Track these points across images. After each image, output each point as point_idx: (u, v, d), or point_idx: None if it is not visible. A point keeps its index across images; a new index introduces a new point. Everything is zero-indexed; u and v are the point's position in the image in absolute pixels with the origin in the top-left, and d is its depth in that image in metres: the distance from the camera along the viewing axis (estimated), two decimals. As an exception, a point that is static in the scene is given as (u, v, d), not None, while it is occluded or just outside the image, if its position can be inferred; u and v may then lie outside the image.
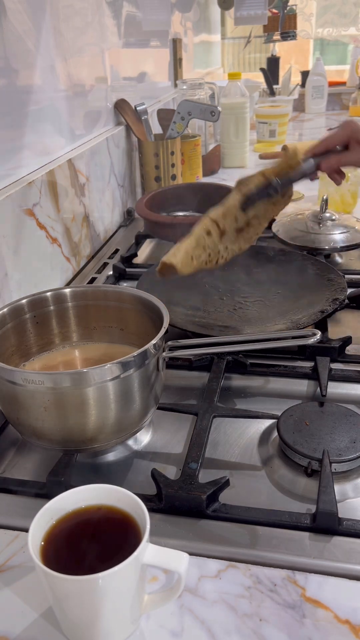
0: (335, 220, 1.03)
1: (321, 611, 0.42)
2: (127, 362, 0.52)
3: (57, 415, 0.52)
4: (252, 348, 0.63)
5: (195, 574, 0.46)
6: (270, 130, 1.89)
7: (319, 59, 2.37)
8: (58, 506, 0.42)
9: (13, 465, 0.60)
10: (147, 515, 0.40)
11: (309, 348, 0.72)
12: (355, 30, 2.98)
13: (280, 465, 0.57)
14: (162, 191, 1.18)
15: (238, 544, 0.48)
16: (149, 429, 0.63)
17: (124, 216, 1.32)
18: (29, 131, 0.88)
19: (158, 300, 0.61)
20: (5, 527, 0.51)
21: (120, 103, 1.29)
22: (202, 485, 0.51)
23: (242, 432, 0.62)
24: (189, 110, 1.26)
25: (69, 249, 1.00)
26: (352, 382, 0.68)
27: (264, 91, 2.51)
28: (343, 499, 0.53)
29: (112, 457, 0.60)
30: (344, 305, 0.78)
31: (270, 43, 2.74)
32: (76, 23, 1.05)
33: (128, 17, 1.37)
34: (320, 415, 0.60)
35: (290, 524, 0.49)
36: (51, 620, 0.43)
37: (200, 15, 2.38)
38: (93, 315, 0.67)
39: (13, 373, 0.51)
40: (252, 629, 0.42)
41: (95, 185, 1.12)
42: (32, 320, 0.64)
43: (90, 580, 0.36)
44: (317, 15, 3.01)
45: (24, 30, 0.86)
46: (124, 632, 0.41)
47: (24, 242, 0.82)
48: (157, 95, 1.72)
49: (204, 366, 0.71)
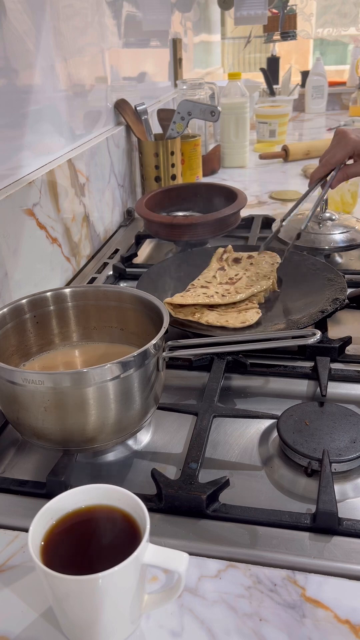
0: (335, 220, 1.03)
1: (321, 611, 0.42)
2: (127, 362, 0.52)
3: (57, 415, 0.52)
4: (252, 348, 0.63)
5: (195, 574, 0.46)
6: (270, 130, 1.89)
7: (319, 59, 2.37)
8: (58, 506, 0.42)
9: (13, 465, 0.60)
10: (147, 515, 0.40)
11: (309, 348, 0.72)
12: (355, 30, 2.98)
13: (280, 465, 0.57)
14: (162, 191, 1.18)
15: (238, 544, 0.48)
16: (149, 429, 0.63)
17: (124, 216, 1.32)
18: (29, 131, 0.88)
19: (158, 300, 0.61)
20: (5, 527, 0.51)
21: (120, 103, 1.29)
22: (202, 485, 0.51)
23: (242, 432, 0.62)
24: (189, 110, 1.26)
25: (69, 249, 1.00)
26: (352, 382, 0.68)
27: (264, 91, 2.51)
28: (343, 499, 0.53)
29: (112, 457, 0.60)
30: (344, 305, 0.78)
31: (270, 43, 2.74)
32: (76, 23, 1.05)
33: (128, 17, 1.37)
34: (320, 415, 0.60)
35: (290, 524, 0.49)
36: (51, 620, 0.43)
37: (200, 15, 2.38)
38: (93, 315, 0.67)
39: (13, 373, 0.51)
40: (252, 629, 0.42)
41: (95, 185, 1.12)
42: (32, 320, 0.64)
43: (90, 580, 0.36)
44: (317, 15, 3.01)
45: (24, 30, 0.86)
46: (124, 632, 0.41)
47: (24, 242, 0.82)
48: (157, 95, 1.72)
49: (204, 366, 0.71)
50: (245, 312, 0.79)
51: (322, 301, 0.80)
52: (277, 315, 0.81)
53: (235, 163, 1.71)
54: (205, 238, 1.04)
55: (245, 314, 0.79)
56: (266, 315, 0.82)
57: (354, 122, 2.20)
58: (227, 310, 0.81)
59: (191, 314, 0.80)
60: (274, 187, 1.48)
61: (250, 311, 0.79)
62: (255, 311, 0.80)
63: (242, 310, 0.80)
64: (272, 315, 0.82)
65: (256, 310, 0.80)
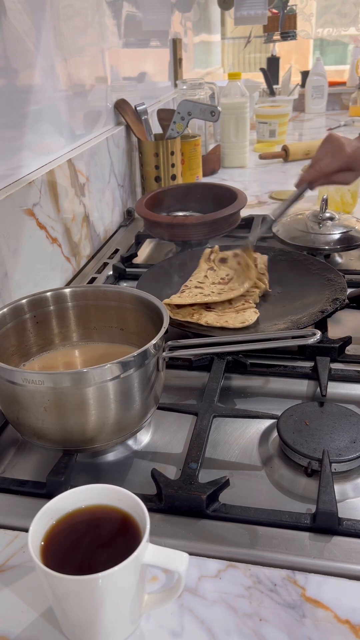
0: (335, 220, 1.03)
1: (321, 611, 0.42)
2: (127, 362, 0.52)
3: (57, 415, 0.52)
4: (252, 348, 0.63)
5: (195, 574, 0.46)
6: (270, 130, 1.89)
7: (319, 59, 2.37)
8: (58, 506, 0.42)
9: (13, 465, 0.60)
10: (147, 515, 0.40)
11: (309, 348, 0.72)
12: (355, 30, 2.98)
13: (280, 465, 0.57)
14: (162, 191, 1.18)
15: (238, 544, 0.48)
16: (149, 429, 0.63)
17: (124, 216, 1.32)
18: (29, 131, 0.88)
19: (158, 300, 0.61)
20: (5, 527, 0.51)
21: (120, 103, 1.29)
22: (202, 485, 0.51)
23: (242, 432, 0.62)
24: (189, 110, 1.26)
25: (69, 249, 1.00)
26: (352, 382, 0.68)
27: (264, 91, 2.51)
28: (343, 499, 0.53)
29: (112, 457, 0.60)
30: (344, 305, 0.78)
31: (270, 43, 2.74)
32: (76, 23, 1.05)
33: (128, 17, 1.37)
34: (320, 415, 0.60)
35: (290, 524, 0.49)
36: (51, 620, 0.43)
37: (200, 15, 2.38)
38: (93, 315, 0.67)
39: (13, 373, 0.51)
40: (252, 629, 0.42)
41: (95, 185, 1.12)
42: (32, 320, 0.64)
43: (90, 580, 0.36)
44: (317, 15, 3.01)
45: (24, 30, 0.86)
46: (124, 632, 0.41)
47: (24, 242, 0.82)
48: (157, 95, 1.72)
49: (204, 366, 0.71)
50: (243, 312, 0.79)
51: (322, 301, 0.80)
52: (277, 315, 0.81)
53: (235, 163, 1.71)
54: (205, 238, 1.04)
55: (243, 314, 0.79)
56: (266, 315, 0.82)
57: (354, 122, 2.20)
58: (225, 310, 0.81)
59: (189, 315, 0.80)
60: (274, 187, 1.48)
61: (248, 311, 0.80)
62: (253, 311, 0.80)
63: (240, 310, 0.80)
64: (272, 315, 0.82)
65: (254, 310, 0.80)
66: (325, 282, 0.85)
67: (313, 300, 0.81)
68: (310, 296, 0.83)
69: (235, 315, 0.79)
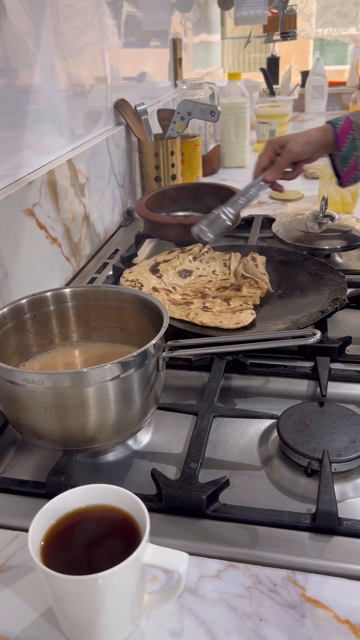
0: (335, 220, 1.03)
1: (321, 611, 0.42)
2: (127, 362, 0.52)
3: (57, 415, 0.52)
4: (252, 348, 0.63)
5: (195, 574, 0.46)
6: (270, 130, 1.89)
7: (319, 59, 2.37)
8: (58, 506, 0.42)
9: (13, 465, 0.60)
10: (147, 515, 0.40)
11: (309, 348, 0.72)
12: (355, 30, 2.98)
13: (280, 465, 0.57)
14: (162, 191, 1.18)
15: (238, 544, 0.48)
16: (149, 429, 0.63)
17: (124, 216, 1.32)
18: (29, 131, 0.88)
19: (158, 300, 0.61)
20: (5, 527, 0.51)
21: (120, 103, 1.29)
22: (202, 485, 0.51)
23: (242, 432, 0.62)
24: (189, 110, 1.26)
25: (69, 249, 1.00)
26: (352, 382, 0.68)
27: (264, 91, 2.50)
28: (343, 499, 0.53)
29: (112, 457, 0.60)
30: (344, 305, 0.78)
31: (270, 43, 2.74)
32: (76, 23, 1.05)
33: (128, 17, 1.37)
34: (320, 415, 0.60)
35: (290, 524, 0.49)
36: (51, 620, 0.43)
37: (200, 15, 2.38)
38: (93, 315, 0.67)
39: (13, 373, 0.51)
40: (252, 629, 0.42)
41: (95, 185, 1.12)
42: (32, 320, 0.64)
43: (90, 580, 0.36)
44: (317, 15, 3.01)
45: (24, 30, 0.86)
46: (124, 632, 0.41)
47: (24, 242, 0.82)
48: (157, 95, 1.72)
49: (204, 366, 0.71)
50: (240, 313, 0.79)
51: (322, 301, 0.80)
52: (277, 315, 0.81)
53: (235, 163, 1.71)
54: (205, 238, 1.04)
55: (239, 315, 0.78)
56: (266, 315, 0.82)
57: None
58: (221, 310, 0.81)
59: (185, 314, 0.79)
60: (274, 187, 1.48)
61: (245, 312, 0.79)
62: (250, 312, 0.79)
63: (237, 311, 0.80)
64: (272, 315, 0.82)
65: (250, 311, 0.80)
66: (325, 282, 0.85)
67: (313, 300, 0.81)
68: (310, 296, 0.83)
69: (231, 315, 0.79)
